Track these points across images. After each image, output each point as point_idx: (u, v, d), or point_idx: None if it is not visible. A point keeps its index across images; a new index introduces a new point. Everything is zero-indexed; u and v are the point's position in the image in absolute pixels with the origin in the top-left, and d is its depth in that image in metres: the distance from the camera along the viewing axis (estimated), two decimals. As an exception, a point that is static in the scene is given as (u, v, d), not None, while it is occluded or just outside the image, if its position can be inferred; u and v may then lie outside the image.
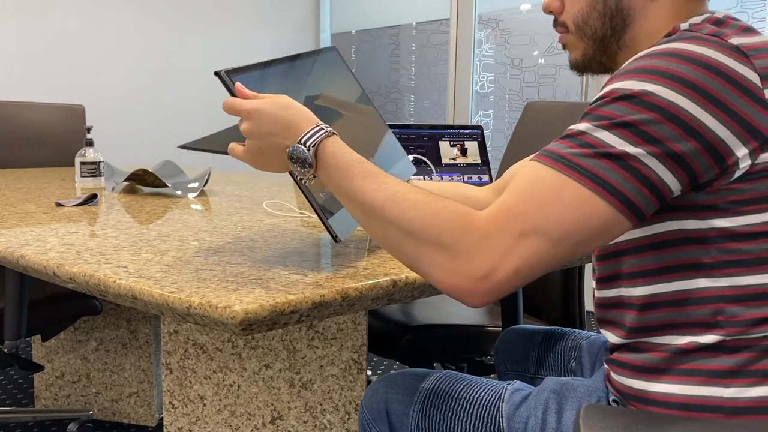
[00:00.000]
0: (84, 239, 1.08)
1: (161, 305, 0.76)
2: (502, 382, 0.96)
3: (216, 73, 0.87)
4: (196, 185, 1.81)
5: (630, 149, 0.68)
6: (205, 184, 1.89)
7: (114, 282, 0.82)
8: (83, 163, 1.93)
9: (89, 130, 2.02)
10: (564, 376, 1.17)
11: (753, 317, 0.73)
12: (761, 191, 0.71)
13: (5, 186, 1.88)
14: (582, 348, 1.17)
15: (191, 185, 1.81)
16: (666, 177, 0.69)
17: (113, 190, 1.79)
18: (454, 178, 1.63)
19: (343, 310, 0.80)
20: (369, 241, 1.09)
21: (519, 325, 1.32)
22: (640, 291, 0.79)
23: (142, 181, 1.79)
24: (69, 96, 3.66)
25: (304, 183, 0.85)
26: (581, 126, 0.72)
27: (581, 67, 0.92)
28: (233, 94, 0.87)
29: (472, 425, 0.91)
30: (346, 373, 1.27)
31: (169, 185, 1.76)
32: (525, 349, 1.23)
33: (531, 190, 0.70)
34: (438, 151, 1.64)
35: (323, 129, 0.83)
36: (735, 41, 0.72)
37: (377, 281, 0.84)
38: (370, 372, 2.67)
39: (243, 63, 1.01)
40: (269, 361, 1.28)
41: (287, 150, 0.83)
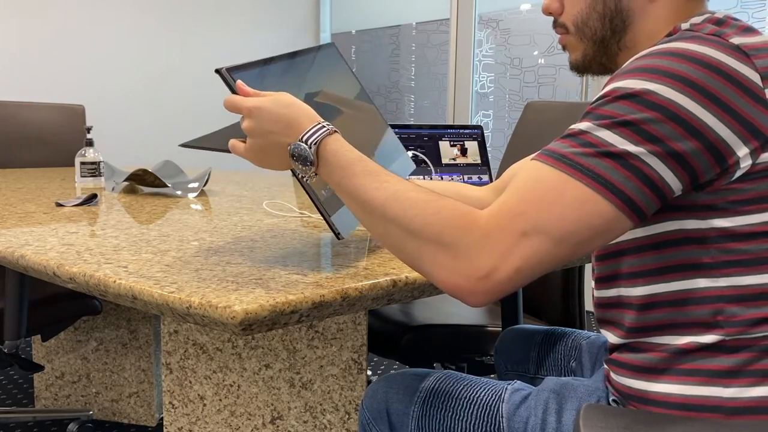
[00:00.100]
0: (84, 239, 1.08)
1: (161, 305, 0.76)
2: (502, 382, 0.96)
3: (217, 71, 0.86)
4: (196, 185, 1.81)
5: (631, 148, 0.68)
6: (205, 184, 1.88)
7: (114, 282, 0.82)
8: (83, 163, 1.93)
9: (89, 130, 2.02)
10: (564, 376, 1.17)
11: (753, 317, 0.73)
12: (762, 191, 0.71)
13: (5, 186, 1.88)
14: (582, 348, 1.17)
15: (191, 185, 1.81)
16: (667, 176, 0.69)
17: (113, 190, 1.79)
18: (454, 178, 1.63)
19: (343, 310, 0.80)
20: (369, 241, 1.09)
21: (519, 325, 1.32)
22: (639, 291, 0.79)
23: (142, 181, 1.79)
24: (69, 96, 3.66)
25: (305, 181, 0.85)
26: (582, 125, 0.72)
27: (581, 68, 0.92)
28: (234, 91, 0.86)
29: (472, 425, 0.90)
30: (346, 373, 1.27)
31: (169, 185, 1.76)
32: (525, 349, 1.23)
33: (532, 189, 0.70)
34: (438, 151, 1.64)
35: (325, 127, 0.82)
36: (736, 41, 0.72)
37: (377, 281, 0.84)
38: (370, 372, 2.67)
39: (243, 62, 1.00)
40: (269, 361, 1.28)
41: (289, 148, 0.83)
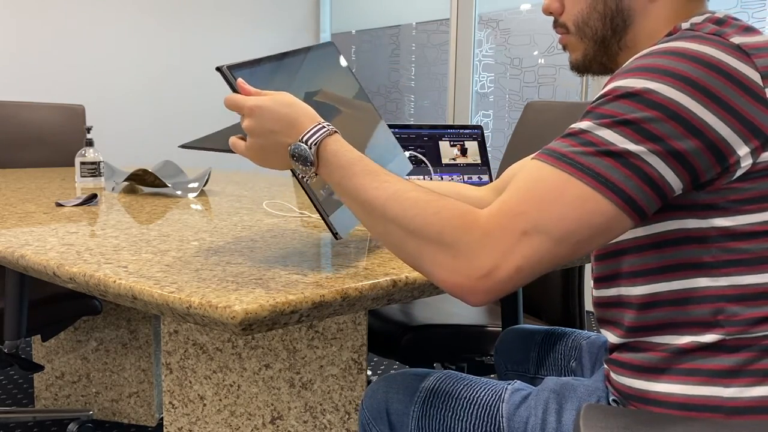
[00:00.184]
0: (84, 239, 1.08)
1: (161, 305, 0.76)
2: (502, 382, 0.96)
3: (218, 69, 0.86)
4: (196, 185, 1.81)
5: (632, 147, 0.68)
6: (205, 184, 1.88)
7: (114, 282, 0.82)
8: (83, 163, 1.93)
9: (89, 130, 2.02)
10: (564, 376, 1.17)
11: (753, 316, 0.73)
12: (762, 190, 0.71)
13: (5, 186, 1.88)
14: (582, 348, 1.16)
15: (191, 185, 1.81)
16: (667, 175, 0.69)
17: (113, 190, 1.79)
18: (454, 178, 1.63)
19: (343, 310, 0.80)
20: (369, 241, 1.09)
21: (519, 325, 1.32)
22: (639, 290, 0.79)
23: (142, 181, 1.79)
24: (69, 96, 3.66)
25: (305, 181, 0.85)
26: (583, 124, 0.72)
27: (582, 68, 0.92)
28: (235, 89, 0.86)
29: (472, 425, 0.90)
30: (346, 373, 1.27)
31: (169, 185, 1.76)
32: (525, 349, 1.23)
33: (533, 189, 0.70)
34: (438, 151, 1.64)
35: (325, 127, 0.82)
36: (736, 40, 0.72)
37: (377, 281, 0.83)
38: (370, 372, 2.67)
39: (244, 60, 1.00)
40: (269, 361, 1.27)
41: (289, 148, 0.83)
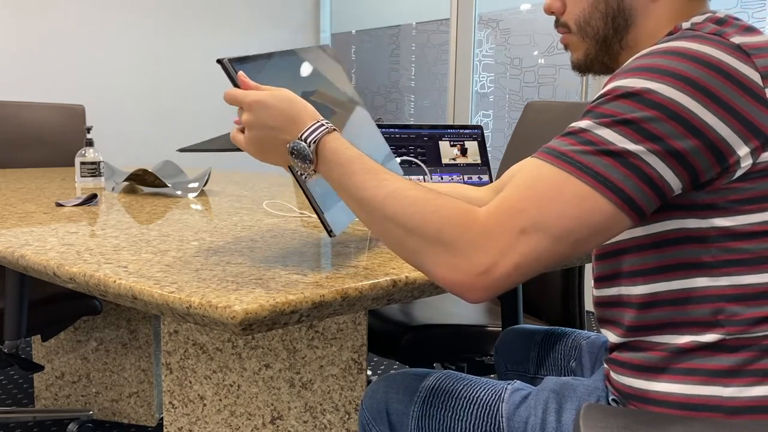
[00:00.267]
0: (84, 239, 1.08)
1: (161, 305, 0.76)
2: (502, 381, 0.96)
3: (219, 61, 0.86)
4: (196, 185, 1.81)
5: (631, 146, 0.68)
6: (205, 184, 1.88)
7: (114, 282, 0.82)
8: (83, 163, 1.93)
9: (89, 130, 2.02)
10: (564, 376, 1.17)
11: (753, 316, 0.73)
12: (762, 190, 0.71)
13: (5, 186, 1.88)
14: (582, 348, 1.16)
15: (191, 185, 1.81)
16: (667, 175, 0.69)
17: (113, 190, 1.79)
18: (454, 178, 1.63)
19: (343, 310, 0.80)
20: (369, 241, 1.09)
21: (519, 325, 1.32)
22: (640, 290, 0.79)
23: (142, 181, 1.79)
24: (69, 96, 3.66)
25: (304, 178, 0.85)
26: (583, 123, 0.72)
27: (583, 68, 0.92)
28: (235, 82, 0.86)
29: (472, 425, 0.90)
30: (346, 373, 1.27)
31: (169, 185, 1.76)
32: (525, 349, 1.23)
33: (532, 187, 0.70)
34: (438, 151, 1.64)
35: (324, 125, 0.82)
36: (737, 40, 0.72)
37: (377, 281, 0.83)
38: (370, 372, 2.67)
39: (245, 55, 1.01)
40: (269, 361, 1.27)
41: (288, 146, 0.83)
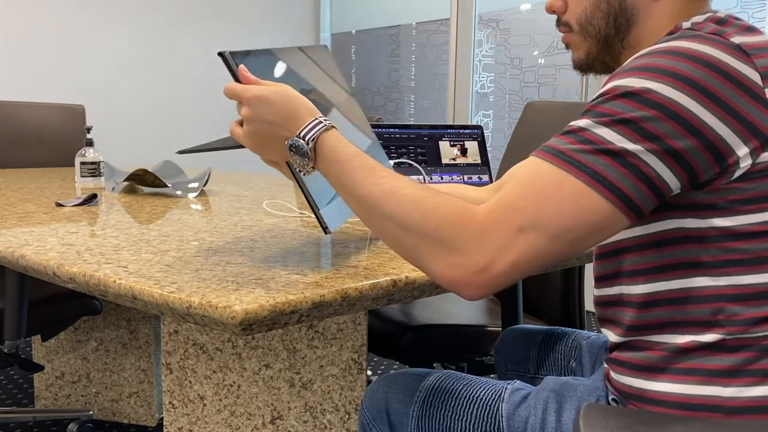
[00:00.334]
0: (84, 239, 1.08)
1: (161, 305, 0.76)
2: (502, 381, 0.96)
3: (220, 54, 0.86)
4: (196, 185, 1.81)
5: (629, 146, 0.68)
6: (205, 184, 1.88)
7: (114, 282, 0.82)
8: (83, 163, 1.93)
9: (89, 130, 2.02)
10: (564, 376, 1.17)
11: (753, 316, 0.73)
12: (762, 191, 0.71)
13: (5, 186, 1.88)
14: (582, 348, 1.16)
15: (191, 185, 1.81)
16: (665, 174, 0.69)
17: (113, 190, 1.79)
18: (454, 178, 1.63)
19: (343, 310, 0.80)
20: (369, 241, 1.09)
21: (519, 325, 1.32)
22: (640, 289, 0.79)
23: (142, 181, 1.79)
24: (69, 96, 3.66)
25: (302, 175, 0.86)
26: (582, 122, 0.72)
27: (585, 67, 0.92)
28: (235, 75, 0.86)
29: (471, 424, 0.90)
30: (346, 373, 1.27)
31: (169, 185, 1.76)
32: (525, 349, 1.23)
33: (530, 185, 0.71)
34: (438, 151, 1.64)
35: (322, 122, 0.83)
36: (737, 40, 0.72)
37: (377, 281, 0.83)
38: (370, 372, 2.67)
39: (245, 50, 1.01)
40: (269, 361, 1.28)
41: (286, 142, 0.83)
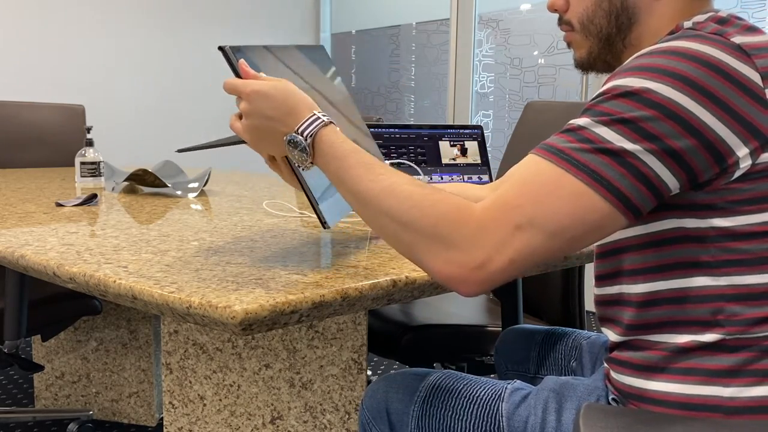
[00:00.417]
0: (84, 239, 1.08)
1: (161, 305, 0.76)
2: (502, 381, 0.96)
3: (220, 48, 0.86)
4: (196, 185, 1.81)
5: (628, 145, 0.68)
6: (205, 184, 1.88)
7: (114, 282, 0.82)
8: (83, 163, 1.93)
9: (89, 130, 2.02)
10: (564, 375, 1.17)
11: (753, 316, 0.73)
12: (761, 191, 0.71)
13: (5, 186, 1.88)
14: (582, 348, 1.17)
15: (191, 185, 1.81)
16: (663, 174, 0.69)
17: (113, 190, 1.79)
18: (454, 178, 1.63)
19: (343, 310, 0.80)
20: (369, 241, 1.09)
21: (519, 325, 1.32)
22: (640, 288, 0.79)
23: (142, 181, 1.79)
24: (69, 96, 3.66)
25: (301, 170, 0.86)
26: (581, 121, 0.72)
27: (586, 66, 0.92)
28: (236, 70, 0.87)
29: (472, 424, 0.90)
30: (346, 373, 1.27)
31: (169, 185, 1.76)
32: (525, 349, 1.23)
33: (529, 183, 0.71)
34: (438, 151, 1.64)
35: (321, 118, 0.83)
36: (737, 40, 0.72)
37: (377, 281, 0.83)
38: (370, 372, 2.67)
39: (246, 45, 1.02)
40: (269, 361, 1.28)
41: (285, 138, 0.83)
